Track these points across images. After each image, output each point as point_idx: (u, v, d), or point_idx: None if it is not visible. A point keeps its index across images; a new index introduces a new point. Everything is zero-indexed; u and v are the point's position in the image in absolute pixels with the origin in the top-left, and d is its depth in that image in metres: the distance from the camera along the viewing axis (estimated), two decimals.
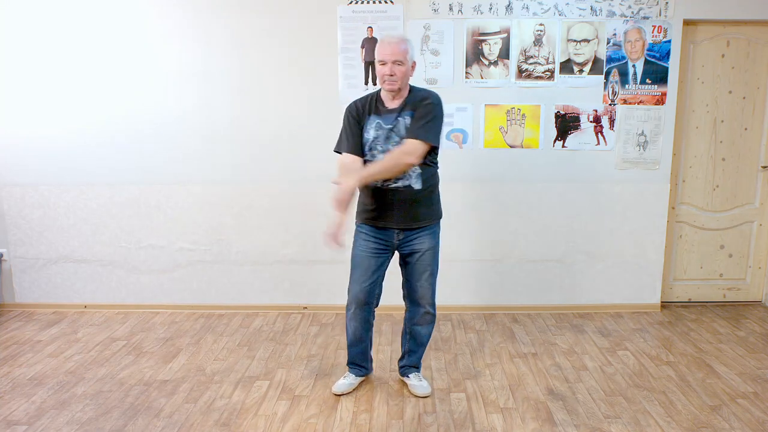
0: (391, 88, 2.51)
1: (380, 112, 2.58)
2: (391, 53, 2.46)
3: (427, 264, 2.69)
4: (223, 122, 3.73)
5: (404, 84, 2.53)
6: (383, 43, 2.49)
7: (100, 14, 3.63)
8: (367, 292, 2.69)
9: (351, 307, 2.74)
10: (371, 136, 2.57)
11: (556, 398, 2.77)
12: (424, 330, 2.81)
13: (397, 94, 2.55)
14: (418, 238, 2.66)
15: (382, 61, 2.48)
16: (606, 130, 3.71)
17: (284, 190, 3.80)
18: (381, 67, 2.49)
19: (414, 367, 2.89)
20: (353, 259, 2.71)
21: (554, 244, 3.85)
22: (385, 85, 2.52)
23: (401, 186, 2.56)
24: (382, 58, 2.48)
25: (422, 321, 2.79)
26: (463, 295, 3.89)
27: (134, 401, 2.75)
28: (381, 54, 2.48)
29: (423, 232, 2.66)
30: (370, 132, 2.57)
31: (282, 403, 2.74)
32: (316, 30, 3.62)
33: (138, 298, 3.95)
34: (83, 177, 3.83)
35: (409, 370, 2.88)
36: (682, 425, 2.54)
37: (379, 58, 2.49)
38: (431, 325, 2.82)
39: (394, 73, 2.47)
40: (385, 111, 2.57)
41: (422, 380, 2.86)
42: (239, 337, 3.50)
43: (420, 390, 2.81)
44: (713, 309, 3.96)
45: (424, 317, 2.78)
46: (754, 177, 3.90)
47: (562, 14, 3.60)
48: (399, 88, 2.51)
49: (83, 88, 3.72)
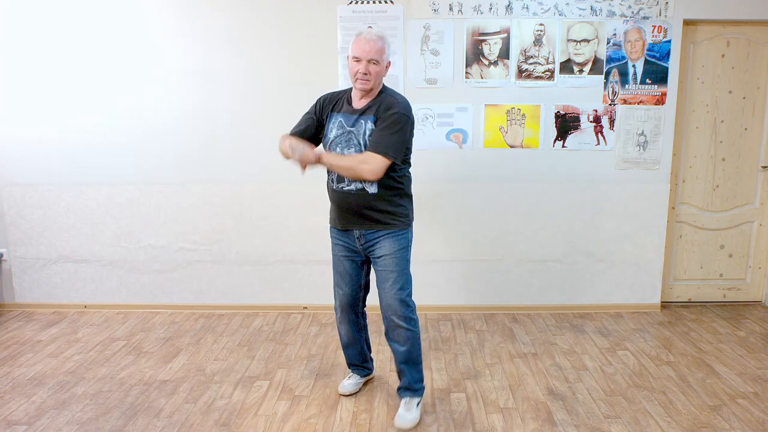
0: (363, 88, 2.39)
1: (345, 111, 2.48)
2: (367, 51, 2.34)
3: (390, 270, 2.48)
4: (223, 122, 3.74)
5: (377, 84, 2.42)
6: (360, 39, 2.37)
7: (101, 14, 3.63)
8: (348, 296, 2.65)
9: (337, 311, 2.72)
10: (332, 135, 2.47)
11: (556, 398, 2.77)
12: (402, 348, 2.53)
13: (366, 93, 2.43)
14: (378, 242, 2.50)
15: (356, 58, 2.36)
16: (606, 130, 3.71)
17: (284, 190, 3.80)
18: (355, 63, 2.37)
19: (407, 389, 2.59)
20: (332, 262, 2.69)
21: (554, 244, 3.85)
22: (357, 83, 2.39)
23: (354, 189, 2.44)
24: (358, 54, 2.35)
25: (396, 336, 2.53)
26: (463, 295, 3.89)
27: (134, 401, 2.75)
28: (357, 50, 2.36)
29: (383, 235, 2.48)
30: (333, 131, 2.47)
31: (282, 403, 2.74)
32: (316, 30, 3.62)
33: (138, 298, 3.95)
34: (83, 177, 3.83)
35: (403, 393, 2.61)
36: (682, 425, 2.54)
37: (354, 55, 2.37)
38: (410, 343, 2.52)
39: (368, 72, 2.36)
40: (350, 110, 2.46)
41: (410, 410, 2.54)
42: (239, 337, 3.50)
43: (399, 421, 2.51)
44: (713, 309, 3.96)
45: (396, 332, 2.52)
46: (754, 177, 3.90)
47: (562, 14, 3.60)
48: (371, 88, 2.40)
49: (83, 88, 3.72)
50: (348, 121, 2.45)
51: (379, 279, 2.54)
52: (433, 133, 3.69)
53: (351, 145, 2.42)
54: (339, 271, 2.65)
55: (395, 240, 2.50)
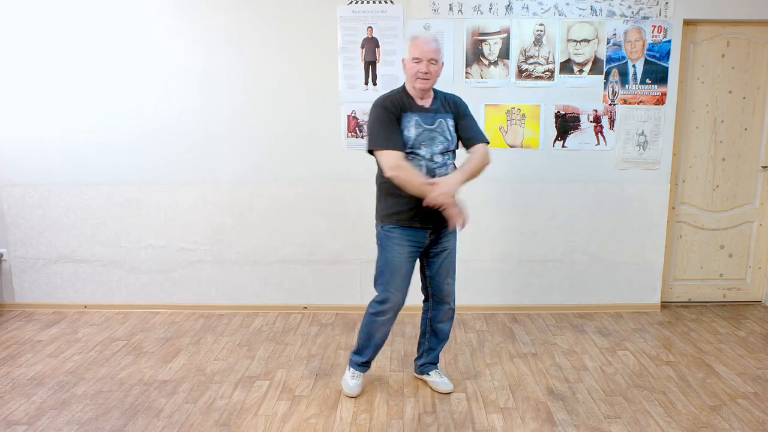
0: (423, 87, 2.48)
1: (416, 110, 2.53)
2: (427, 51, 2.44)
3: (453, 261, 2.71)
4: (223, 122, 3.74)
5: (435, 83, 2.54)
6: (419, 41, 2.47)
7: (101, 14, 3.63)
8: (404, 297, 2.67)
9: (388, 312, 2.66)
10: (413, 134, 2.49)
11: (556, 398, 2.77)
12: (447, 326, 2.83)
13: (426, 93, 2.53)
14: (447, 237, 2.65)
15: (417, 59, 2.45)
16: (606, 130, 3.71)
17: (284, 189, 3.80)
18: (415, 64, 2.46)
19: (433, 363, 2.89)
20: (389, 264, 2.60)
21: (554, 244, 3.85)
22: (417, 83, 2.47)
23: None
24: (419, 55, 2.45)
25: (446, 317, 2.79)
26: (463, 295, 3.89)
27: (134, 401, 2.75)
28: (417, 51, 2.45)
29: (450, 231, 2.65)
30: (411, 130, 2.50)
31: (282, 403, 2.74)
32: (316, 30, 3.62)
33: (138, 298, 3.95)
34: (83, 177, 3.83)
35: (429, 368, 2.88)
36: (682, 425, 2.54)
37: (415, 56, 2.45)
38: (453, 320, 2.84)
39: (429, 71, 2.45)
40: (420, 109, 2.53)
41: (443, 377, 2.87)
42: (239, 337, 3.50)
43: (444, 387, 2.82)
44: (713, 309, 3.96)
45: (447, 313, 2.78)
46: (754, 177, 3.90)
47: (562, 14, 3.60)
48: (430, 86, 2.51)
49: (83, 88, 3.72)
50: (425, 120, 2.52)
51: (441, 271, 2.69)
52: None
53: (438, 142, 2.52)
54: (403, 274, 2.61)
55: (455, 233, 2.70)
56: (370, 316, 2.69)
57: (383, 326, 2.69)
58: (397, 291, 2.61)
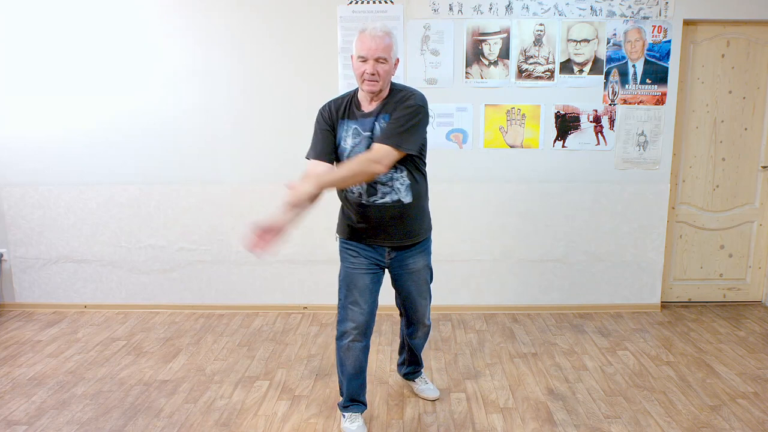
0: (371, 89, 2.14)
1: (357, 117, 2.22)
2: (374, 49, 2.09)
3: (424, 281, 2.47)
4: (223, 122, 3.74)
5: (386, 84, 2.18)
6: (365, 36, 2.11)
7: (101, 14, 3.63)
8: (366, 315, 2.32)
9: (348, 335, 2.33)
10: (349, 144, 2.22)
11: (556, 398, 2.77)
12: (422, 341, 2.71)
13: (376, 95, 2.19)
14: (412, 257, 2.38)
15: (362, 58, 2.10)
16: (606, 130, 3.71)
17: (284, 189, 3.79)
18: (361, 64, 2.11)
19: (417, 369, 2.82)
20: (344, 278, 2.34)
21: (554, 244, 3.85)
22: (364, 85, 2.14)
23: (389, 201, 2.23)
24: (364, 53, 2.10)
25: (421, 334, 2.66)
26: (463, 295, 3.89)
27: (134, 401, 2.75)
28: (361, 49, 2.10)
29: (416, 250, 2.38)
30: (348, 140, 2.22)
31: (282, 403, 2.74)
32: (316, 30, 3.62)
33: (138, 298, 3.95)
34: (83, 177, 3.83)
35: (413, 375, 2.83)
36: (682, 425, 2.54)
37: (360, 54, 2.11)
38: (428, 335, 2.73)
39: (376, 72, 2.10)
40: (362, 115, 2.21)
41: (428, 382, 2.82)
42: (239, 337, 3.50)
43: (430, 394, 2.76)
44: (713, 309, 3.96)
45: (422, 330, 2.64)
46: (754, 177, 3.90)
47: (562, 14, 3.60)
48: (380, 89, 2.16)
49: (83, 88, 3.72)
50: (363, 126, 2.20)
51: (412, 292, 2.47)
52: (433, 133, 3.69)
53: None
54: (358, 287, 2.31)
55: (426, 252, 2.44)
56: (336, 342, 2.41)
57: (350, 351, 2.35)
58: (354, 306, 2.31)
